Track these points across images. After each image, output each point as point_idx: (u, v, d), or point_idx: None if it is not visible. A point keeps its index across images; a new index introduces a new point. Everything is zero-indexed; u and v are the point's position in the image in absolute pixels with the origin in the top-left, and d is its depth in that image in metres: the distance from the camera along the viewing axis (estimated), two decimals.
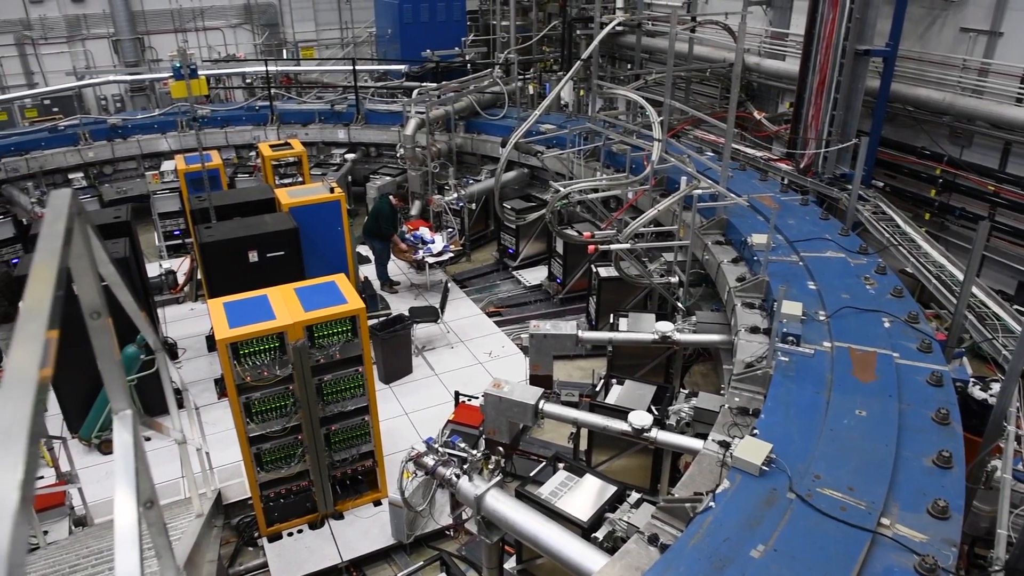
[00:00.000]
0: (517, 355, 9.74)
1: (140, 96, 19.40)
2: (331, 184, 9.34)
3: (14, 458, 0.77)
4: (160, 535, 1.92)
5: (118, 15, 19.53)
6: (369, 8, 20.94)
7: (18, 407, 0.81)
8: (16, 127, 16.32)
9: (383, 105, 14.93)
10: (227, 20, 21.04)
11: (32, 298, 1.01)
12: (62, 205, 1.42)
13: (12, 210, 12.89)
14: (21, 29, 19.24)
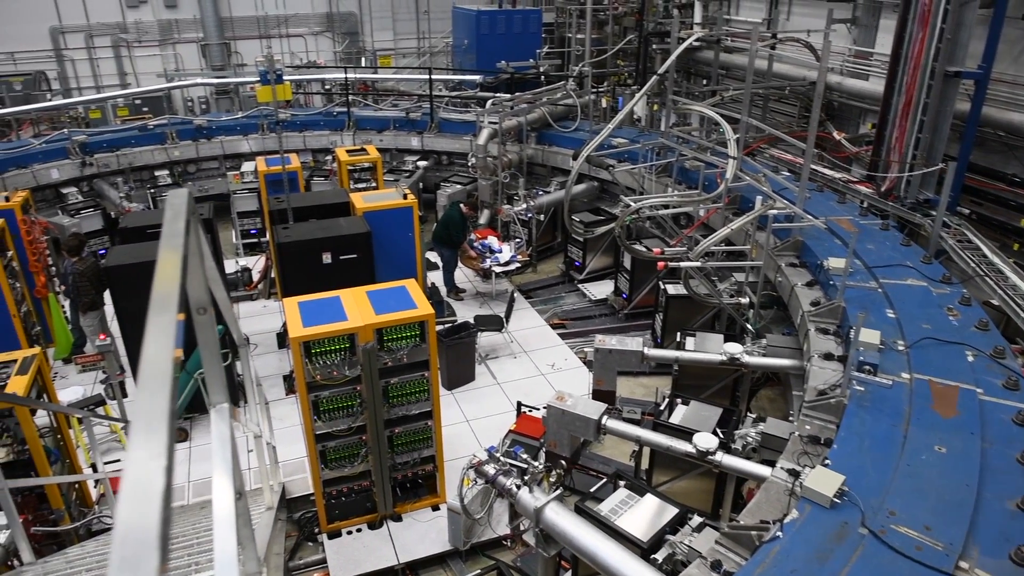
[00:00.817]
0: (580, 369, 9.71)
1: (224, 98, 20.15)
2: (404, 190, 9.50)
3: (158, 447, 0.82)
4: (246, 526, 1.99)
5: (207, 20, 20.34)
6: (447, 19, 21.28)
7: (157, 398, 0.86)
8: (109, 125, 17.16)
9: (456, 114, 15.13)
10: (309, 28, 21.68)
11: (160, 291, 1.07)
12: (181, 204, 1.49)
13: (102, 203, 13.55)
14: (118, 32, 20.23)
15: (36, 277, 9.90)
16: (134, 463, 0.80)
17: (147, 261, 7.76)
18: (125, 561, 0.70)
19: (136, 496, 0.77)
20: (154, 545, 0.74)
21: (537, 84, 15.38)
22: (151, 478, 0.78)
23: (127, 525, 0.73)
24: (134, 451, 0.81)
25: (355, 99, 15.89)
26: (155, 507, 0.78)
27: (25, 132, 15.73)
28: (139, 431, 0.84)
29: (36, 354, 6.07)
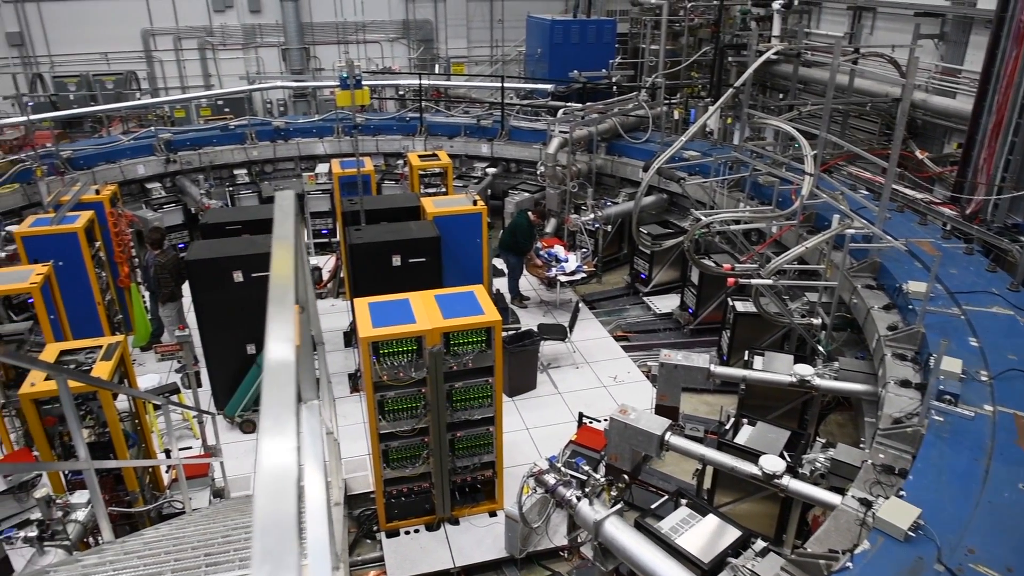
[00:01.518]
0: (642, 383, 9.61)
1: (301, 101, 20.73)
2: (474, 197, 9.60)
3: (289, 439, 0.85)
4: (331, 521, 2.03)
5: (289, 26, 20.97)
6: (520, 28, 21.43)
7: (283, 392, 0.90)
8: (192, 124, 17.85)
9: (527, 123, 15.20)
10: (386, 34, 22.13)
11: (277, 286, 1.11)
12: (289, 204, 1.55)
13: (183, 199, 14.09)
14: (204, 35, 21.05)
15: (120, 267, 10.36)
16: (268, 456, 0.83)
17: (225, 256, 8.05)
18: (268, 553, 0.73)
19: (272, 489, 0.80)
20: (293, 537, 0.77)
21: (609, 94, 15.32)
22: (285, 471, 0.81)
23: (267, 517, 0.76)
24: (266, 444, 0.84)
25: (428, 105, 16.13)
26: (291, 498, 0.81)
27: (115, 129, 16.50)
28: (269, 425, 0.87)
29: (120, 341, 6.35)
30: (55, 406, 6.09)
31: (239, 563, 2.44)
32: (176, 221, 13.48)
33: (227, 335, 8.45)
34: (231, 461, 7.92)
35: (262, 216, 9.57)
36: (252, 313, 8.22)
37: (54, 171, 12.72)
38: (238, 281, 8.14)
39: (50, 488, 6.02)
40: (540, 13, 19.14)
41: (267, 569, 0.71)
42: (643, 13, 18.50)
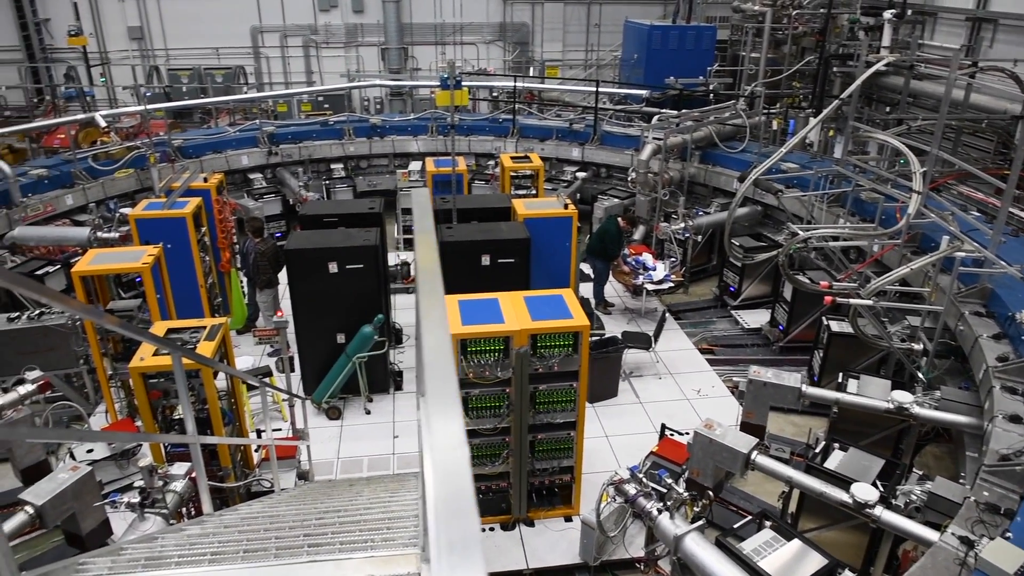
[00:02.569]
0: (727, 398, 9.39)
1: (398, 100, 21.20)
2: (566, 200, 9.60)
3: (457, 425, 0.87)
4: None
5: (389, 26, 21.49)
6: (617, 32, 21.30)
7: (447, 382, 0.92)
8: (293, 118, 18.52)
9: (619, 128, 15.09)
10: (482, 36, 22.38)
11: (426, 280, 1.14)
12: (426, 202, 1.58)
13: (282, 190, 14.64)
14: (309, 33, 21.80)
15: (222, 252, 10.83)
16: (439, 451, 0.85)
17: (322, 248, 8.31)
18: (452, 545, 0.75)
19: (448, 479, 0.82)
20: (476, 528, 0.78)
21: (705, 102, 15.04)
22: (458, 463, 0.83)
23: (448, 510, 0.78)
24: (436, 435, 0.86)
25: (521, 107, 16.23)
26: (468, 494, 0.83)
27: (222, 120, 17.28)
28: (437, 414, 0.89)
29: (223, 323, 6.65)
30: (160, 381, 6.43)
31: (339, 546, 2.51)
32: (275, 211, 14.02)
33: (319, 323, 8.73)
34: (316, 445, 8.18)
35: (358, 210, 9.84)
36: (344, 304, 8.55)
37: (166, 158, 13.45)
38: (333, 272, 8.40)
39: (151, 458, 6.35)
40: (638, 18, 18.97)
41: (453, 561, 0.72)
42: (745, 20, 18.05)
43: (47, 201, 11.95)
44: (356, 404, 9.21)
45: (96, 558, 2.46)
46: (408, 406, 9.20)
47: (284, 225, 14.15)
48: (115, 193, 12.84)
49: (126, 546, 2.68)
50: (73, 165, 12.68)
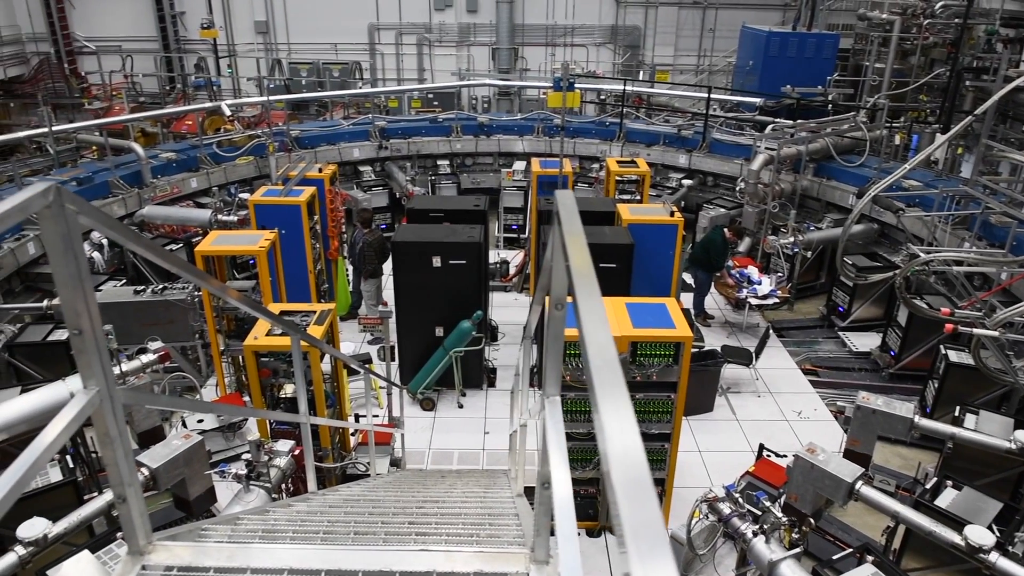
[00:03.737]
0: (829, 423, 9.00)
1: (505, 100, 21.40)
2: (671, 208, 9.43)
3: (629, 414, 0.87)
4: (545, 515, 2.06)
5: (502, 26, 21.71)
6: (732, 38, 20.78)
7: (616, 384, 0.91)
8: (403, 114, 18.99)
9: (730, 136, 14.71)
10: (593, 39, 22.30)
11: (582, 282, 1.13)
12: (572, 203, 1.57)
13: (389, 183, 15.04)
14: (423, 32, 22.30)
15: (331, 241, 11.21)
16: (619, 453, 0.84)
17: (427, 242, 8.48)
18: (639, 532, 0.74)
19: (627, 467, 0.81)
20: (659, 516, 0.78)
21: (823, 113, 14.47)
22: (635, 451, 0.82)
23: (631, 496, 0.77)
24: (612, 436, 0.85)
25: (628, 111, 16.07)
26: (648, 482, 0.82)
27: (337, 113, 17.92)
28: (610, 413, 0.88)
29: (332, 309, 6.88)
30: (270, 360, 6.72)
31: (446, 538, 2.54)
32: (382, 203, 14.42)
33: (420, 315, 8.91)
34: (409, 434, 8.36)
35: (463, 207, 9.98)
36: (445, 298, 8.69)
37: (283, 148, 14.05)
38: (436, 266, 8.55)
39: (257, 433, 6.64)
40: (756, 24, 18.43)
41: (641, 546, 0.72)
42: (870, 28, 17.28)
43: (174, 183, 12.71)
44: (449, 397, 9.35)
45: (216, 525, 2.58)
46: (500, 403, 9.26)
47: (390, 217, 14.53)
48: (236, 179, 13.52)
49: (242, 517, 2.80)
50: (199, 150, 13.43)
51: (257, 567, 2.15)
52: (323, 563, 2.16)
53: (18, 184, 10.43)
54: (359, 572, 2.12)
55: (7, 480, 1.57)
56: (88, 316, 1.78)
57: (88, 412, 1.83)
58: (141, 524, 2.13)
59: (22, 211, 1.55)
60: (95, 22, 22.29)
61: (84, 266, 1.75)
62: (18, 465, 1.63)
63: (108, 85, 20.28)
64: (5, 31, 20.96)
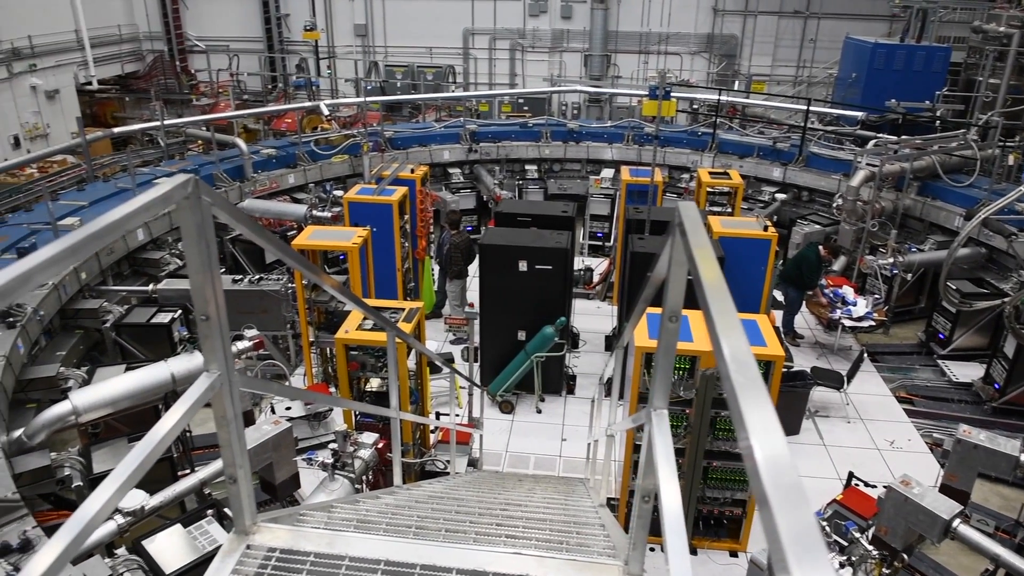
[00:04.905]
0: (924, 455, 8.56)
1: (595, 106, 21.33)
2: (765, 222, 9.18)
3: (775, 421, 0.86)
4: (643, 528, 2.04)
5: (595, 33, 21.65)
6: (834, 49, 20.09)
7: (758, 390, 0.90)
8: (493, 118, 19.17)
9: (828, 150, 14.21)
10: (687, 47, 21.98)
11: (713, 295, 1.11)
12: (696, 215, 1.55)
13: (477, 186, 15.20)
14: (517, 37, 22.47)
15: (419, 240, 11.43)
16: (769, 460, 0.83)
17: (514, 246, 8.52)
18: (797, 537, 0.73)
19: (779, 473, 0.80)
20: (814, 521, 0.76)
21: (930, 129, 13.80)
22: (784, 456, 0.81)
23: (785, 502, 0.76)
24: (761, 444, 0.84)
25: (721, 121, 15.75)
26: (800, 486, 0.80)
27: (429, 116, 18.25)
28: (756, 424, 0.87)
29: (420, 307, 7.00)
30: (358, 353, 6.89)
31: (536, 543, 2.54)
32: (469, 205, 14.60)
33: (503, 318, 8.96)
34: (487, 436, 8.42)
35: (551, 212, 10.00)
36: (529, 302, 8.71)
37: (377, 148, 14.40)
38: (522, 270, 8.59)
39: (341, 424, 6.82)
40: (860, 35, 17.75)
41: (798, 551, 0.71)
42: (985, 42, 16.37)
43: (273, 178, 13.22)
44: (528, 402, 9.36)
45: (313, 511, 2.66)
46: (578, 411, 9.22)
47: (476, 220, 14.69)
48: (330, 176, 13.95)
49: (335, 505, 2.87)
50: (297, 148, 13.92)
51: (355, 556, 2.20)
52: (418, 558, 2.19)
53: (131, 173, 11.04)
54: (453, 570, 2.15)
55: (140, 451, 1.67)
56: (215, 303, 1.87)
57: (210, 395, 1.91)
58: (248, 505, 2.21)
59: (165, 201, 1.64)
60: (206, 23, 23.45)
61: (214, 254, 1.84)
62: (148, 441, 1.72)
63: (215, 83, 21.30)
64: (125, 29, 22.28)
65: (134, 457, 1.65)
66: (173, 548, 5.16)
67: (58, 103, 19.11)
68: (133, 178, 10.65)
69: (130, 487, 1.62)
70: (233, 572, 2.10)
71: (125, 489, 1.60)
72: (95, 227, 1.38)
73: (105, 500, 1.53)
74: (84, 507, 1.50)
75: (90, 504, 1.51)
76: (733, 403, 0.94)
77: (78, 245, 1.32)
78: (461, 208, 13.66)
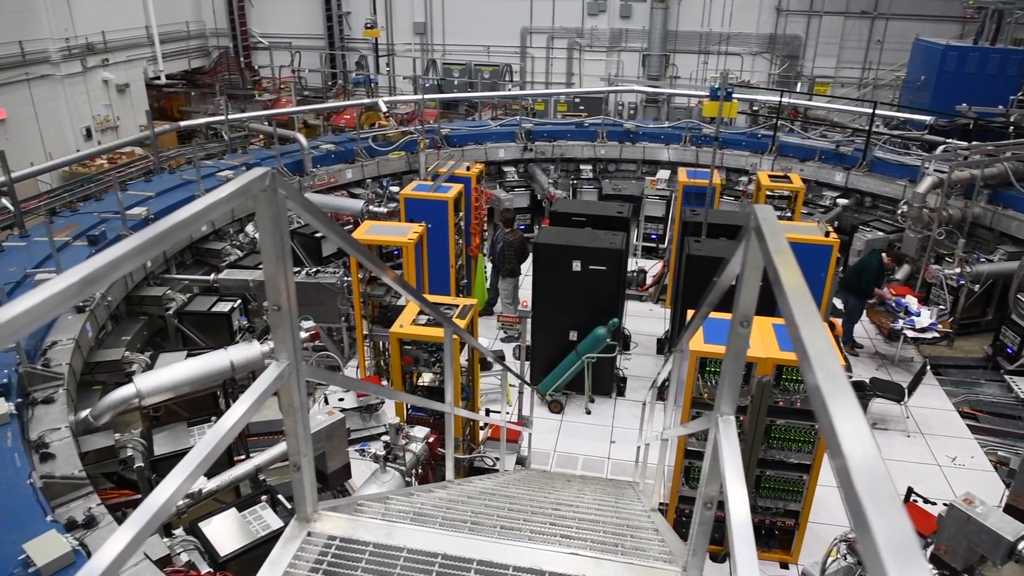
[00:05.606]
0: (988, 473, 8.24)
1: (651, 107, 21.14)
2: (827, 227, 8.95)
3: (865, 426, 0.84)
4: (704, 536, 2.01)
5: (654, 32, 21.45)
6: (901, 51, 19.51)
7: (848, 397, 0.88)
8: (549, 117, 19.14)
9: (894, 155, 13.80)
10: (748, 48, 21.59)
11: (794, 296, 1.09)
12: (775, 220, 1.52)
13: (531, 185, 15.20)
14: (575, 36, 22.40)
15: (473, 238, 11.48)
16: (862, 466, 0.81)
17: (569, 245, 8.50)
18: (896, 545, 0.71)
19: (874, 480, 0.78)
20: (911, 529, 0.75)
21: (1003, 135, 13.28)
22: (884, 478, 0.79)
23: (881, 509, 0.74)
24: (852, 450, 0.82)
25: (782, 124, 15.42)
26: (894, 494, 0.79)
27: (485, 114, 18.32)
28: (847, 430, 0.85)
29: (473, 304, 7.04)
30: (412, 348, 6.96)
31: (590, 544, 2.52)
32: (523, 204, 14.61)
33: (555, 318, 8.95)
34: (535, 435, 8.41)
35: (606, 213, 9.94)
36: (582, 302, 8.68)
37: (433, 145, 14.52)
38: (575, 270, 8.56)
39: (392, 417, 6.89)
40: (931, 36, 17.19)
41: (900, 559, 0.70)
42: None
43: (331, 173, 13.44)
44: (578, 402, 9.33)
45: (371, 502, 2.70)
46: (628, 413, 9.15)
47: (529, 219, 14.69)
48: (387, 172, 14.13)
49: (391, 497, 2.91)
50: (356, 143, 14.13)
51: (413, 548, 2.22)
52: (475, 553, 2.20)
53: (195, 166, 11.35)
54: (510, 567, 2.15)
55: (211, 438, 1.71)
56: (287, 294, 1.91)
57: (279, 384, 1.96)
58: (310, 493, 2.25)
59: (243, 193, 1.68)
60: (270, 20, 23.99)
61: (288, 246, 1.87)
62: (218, 428, 1.76)
63: (277, 79, 21.76)
64: (192, 26, 22.93)
65: (205, 444, 1.69)
66: (228, 531, 5.29)
67: (128, 97, 19.80)
68: (198, 170, 10.95)
69: (200, 473, 1.66)
70: (295, 558, 2.14)
71: (196, 475, 1.64)
72: (181, 216, 1.42)
73: (177, 486, 1.57)
74: (158, 491, 1.54)
75: (163, 488, 1.55)
76: (823, 412, 0.92)
77: (164, 233, 1.36)
78: (515, 206, 13.67)
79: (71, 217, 9.83)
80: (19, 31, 16.34)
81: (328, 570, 2.11)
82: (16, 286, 7.40)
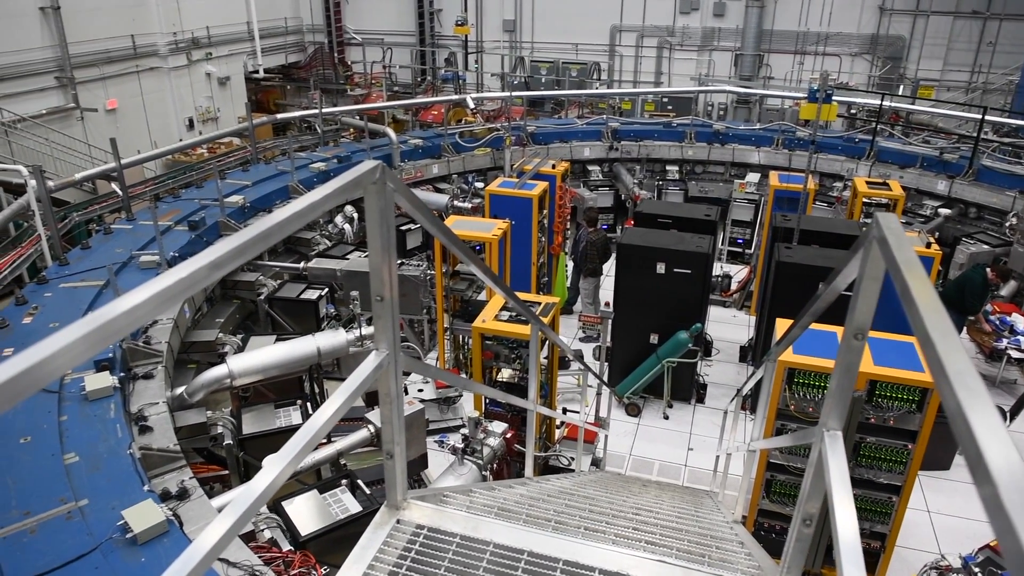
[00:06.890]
0: None
1: (742, 108, 20.62)
2: (929, 238, 8.53)
3: (1009, 448, 0.80)
4: (800, 553, 1.94)
5: (748, 32, 20.91)
6: (1016, 53, 18.44)
7: (987, 408, 0.83)
8: (635, 117, 18.93)
9: (1003, 164, 13.01)
10: (848, 48, 20.79)
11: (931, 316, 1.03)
12: (900, 229, 1.46)
13: (616, 185, 15.07)
14: (665, 35, 22.07)
15: (555, 236, 11.47)
16: (1003, 466, 0.77)
17: (654, 247, 8.38)
18: None
19: None
20: None
21: None
22: None
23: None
24: (996, 461, 0.78)
25: (882, 128, 14.78)
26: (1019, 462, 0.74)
27: (572, 112, 18.26)
28: (990, 441, 0.81)
29: (556, 302, 7.03)
30: (493, 343, 7.01)
31: (676, 553, 2.48)
32: (606, 203, 14.50)
33: (636, 320, 8.85)
34: (611, 437, 8.34)
35: (692, 215, 9.76)
36: (665, 305, 8.55)
37: (519, 142, 14.56)
38: (659, 273, 8.44)
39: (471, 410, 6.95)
40: None
41: None
42: None
43: (418, 167, 13.66)
44: (655, 407, 9.20)
45: (456, 494, 2.72)
46: (707, 420, 8.97)
47: (612, 219, 14.57)
48: (473, 168, 14.25)
49: (475, 490, 2.93)
50: (443, 139, 14.31)
51: (499, 543, 2.23)
52: (560, 552, 2.20)
53: (290, 157, 11.72)
54: (596, 569, 2.13)
55: (311, 426, 1.76)
56: (390, 285, 1.94)
57: (378, 373, 2.00)
58: (402, 481, 2.29)
59: (355, 185, 1.72)
60: (364, 17, 24.58)
61: (393, 238, 1.91)
62: (319, 415, 1.81)
63: (369, 74, 22.29)
64: (291, 22, 23.73)
65: (307, 430, 1.74)
66: (309, 512, 5.44)
67: (228, 89, 20.67)
68: (292, 161, 11.30)
69: (301, 460, 1.70)
70: (384, 544, 2.18)
71: (297, 462, 1.68)
72: (300, 205, 1.46)
73: (279, 471, 1.60)
74: (260, 476, 1.58)
75: (265, 474, 1.59)
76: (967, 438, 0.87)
77: (284, 222, 1.40)
78: (599, 206, 13.58)
79: (174, 203, 10.30)
80: (132, 26, 17.28)
81: (416, 558, 2.15)
82: (123, 266, 7.81)
